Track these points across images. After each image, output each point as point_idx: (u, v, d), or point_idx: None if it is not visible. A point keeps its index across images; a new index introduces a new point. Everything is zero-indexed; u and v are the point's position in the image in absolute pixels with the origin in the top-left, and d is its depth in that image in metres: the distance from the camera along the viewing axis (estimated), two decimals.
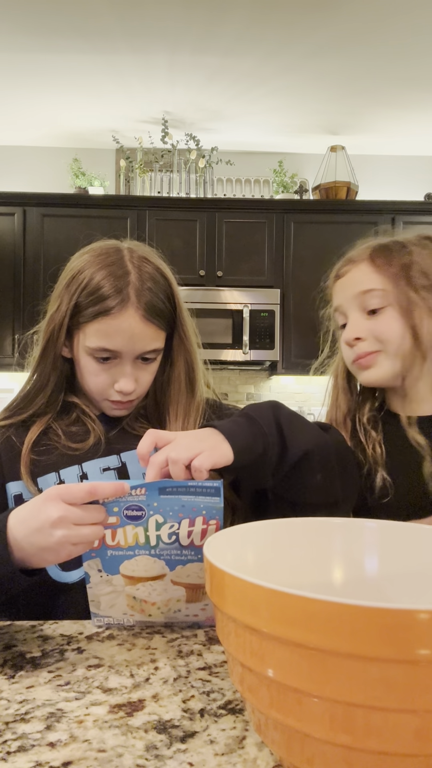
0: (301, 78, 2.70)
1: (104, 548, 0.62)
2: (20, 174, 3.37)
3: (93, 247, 0.86)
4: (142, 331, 0.81)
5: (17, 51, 2.51)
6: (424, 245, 0.88)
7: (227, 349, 2.95)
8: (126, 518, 0.60)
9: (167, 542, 0.61)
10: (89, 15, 2.26)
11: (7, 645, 0.64)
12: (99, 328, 0.80)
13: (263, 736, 0.40)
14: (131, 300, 0.80)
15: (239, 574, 0.36)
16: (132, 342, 0.81)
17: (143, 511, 0.60)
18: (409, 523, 0.52)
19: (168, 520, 0.60)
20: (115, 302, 0.79)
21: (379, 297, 0.85)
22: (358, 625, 0.31)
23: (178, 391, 0.89)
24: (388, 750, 0.32)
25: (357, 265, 0.88)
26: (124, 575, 0.63)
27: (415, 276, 0.84)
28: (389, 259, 0.86)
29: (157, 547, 0.61)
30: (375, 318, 0.86)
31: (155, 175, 3.24)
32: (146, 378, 0.86)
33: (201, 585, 0.65)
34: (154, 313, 0.82)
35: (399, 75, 2.67)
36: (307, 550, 0.54)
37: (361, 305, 0.87)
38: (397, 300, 0.84)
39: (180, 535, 0.61)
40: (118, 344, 0.81)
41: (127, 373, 0.83)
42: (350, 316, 0.88)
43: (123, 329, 0.80)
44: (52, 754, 0.43)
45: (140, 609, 0.66)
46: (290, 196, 3.23)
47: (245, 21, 2.29)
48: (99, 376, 0.83)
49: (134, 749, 0.44)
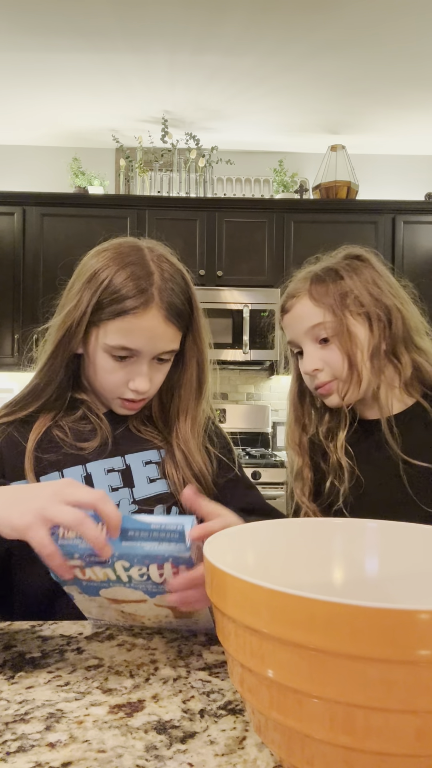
0: (301, 77, 2.70)
1: (78, 580, 0.58)
2: (20, 173, 3.37)
3: (113, 245, 0.85)
4: (163, 331, 0.81)
5: (17, 50, 2.50)
6: (353, 268, 0.94)
7: (227, 348, 2.95)
8: (90, 562, 0.56)
9: (140, 580, 0.57)
10: (89, 14, 2.25)
11: (7, 645, 0.64)
12: (121, 326, 0.80)
13: (263, 736, 0.40)
14: (155, 300, 0.80)
15: (239, 574, 0.36)
16: (153, 342, 0.81)
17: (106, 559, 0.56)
18: (409, 524, 0.52)
19: (134, 565, 0.56)
20: (139, 302, 0.79)
21: (326, 328, 0.91)
22: (359, 625, 0.31)
23: (188, 392, 0.89)
24: (388, 751, 0.32)
25: (299, 300, 0.94)
26: (106, 598, 0.61)
27: (350, 304, 0.91)
28: (326, 291, 0.92)
29: (130, 582, 0.58)
30: (326, 347, 0.92)
31: (155, 174, 3.24)
32: (159, 378, 0.86)
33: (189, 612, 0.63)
34: (175, 313, 0.82)
35: (399, 75, 2.67)
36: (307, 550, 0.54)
37: (313, 337, 0.93)
38: (335, 331, 0.90)
39: (151, 576, 0.57)
40: (139, 343, 0.80)
41: (143, 373, 0.82)
42: (305, 349, 0.94)
43: (145, 328, 0.80)
44: (52, 755, 0.43)
45: (132, 620, 0.65)
46: (290, 195, 3.23)
47: (245, 20, 2.29)
48: (115, 374, 0.83)
49: (134, 750, 0.44)
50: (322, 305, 0.91)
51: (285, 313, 0.97)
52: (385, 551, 0.53)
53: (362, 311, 0.91)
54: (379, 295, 0.92)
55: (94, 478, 0.83)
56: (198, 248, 3.04)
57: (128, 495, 0.83)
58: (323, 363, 0.92)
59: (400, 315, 0.92)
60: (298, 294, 0.94)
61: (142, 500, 0.83)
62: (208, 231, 3.05)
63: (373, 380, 0.92)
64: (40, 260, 2.99)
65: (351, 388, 0.91)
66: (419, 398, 0.95)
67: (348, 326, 0.90)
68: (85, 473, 0.83)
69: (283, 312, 0.97)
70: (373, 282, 0.93)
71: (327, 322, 0.90)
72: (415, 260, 3.04)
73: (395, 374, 0.95)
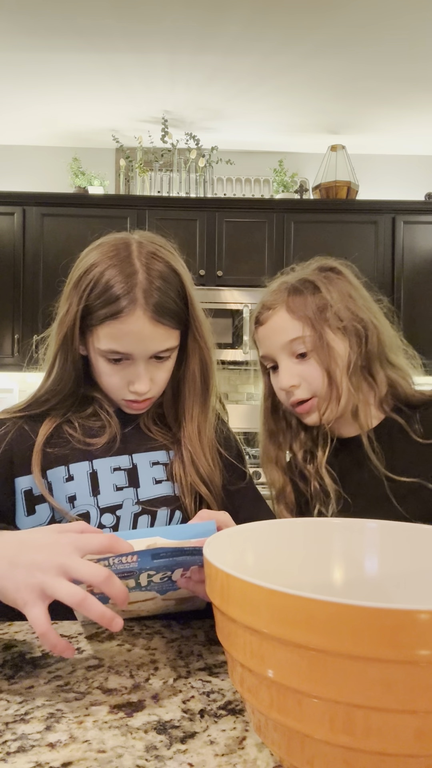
0: (301, 77, 2.70)
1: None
2: (20, 173, 3.37)
3: (102, 242, 0.84)
4: (152, 332, 0.79)
5: (17, 50, 2.50)
6: (329, 280, 0.91)
7: (227, 348, 2.95)
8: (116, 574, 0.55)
9: (159, 582, 0.58)
10: (89, 14, 2.25)
11: (7, 645, 0.64)
12: (108, 331, 0.78)
13: (263, 736, 0.40)
14: (139, 302, 0.77)
15: (239, 574, 0.36)
16: (143, 344, 0.79)
17: (133, 572, 0.55)
18: (408, 524, 0.52)
19: (160, 572, 0.56)
20: (122, 306, 0.77)
21: (304, 342, 0.88)
22: (358, 625, 0.31)
23: (193, 390, 0.88)
24: (388, 751, 0.32)
25: (276, 312, 0.90)
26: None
27: (330, 318, 0.88)
28: (304, 303, 0.88)
29: (148, 586, 0.58)
30: (304, 362, 0.89)
31: (155, 174, 3.24)
32: (162, 376, 0.84)
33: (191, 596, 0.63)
34: (164, 313, 0.79)
35: (399, 75, 2.67)
36: (307, 550, 0.54)
37: (290, 351, 0.89)
38: (314, 346, 0.87)
39: (173, 578, 0.58)
40: (129, 347, 0.79)
41: (141, 374, 0.81)
42: (281, 364, 0.90)
43: (132, 332, 0.78)
44: (52, 755, 0.43)
45: (129, 614, 0.65)
46: (290, 195, 3.23)
47: (245, 20, 2.29)
48: (113, 377, 0.82)
49: (134, 750, 0.44)
50: (301, 318, 0.88)
51: (260, 326, 0.93)
52: (384, 551, 0.53)
53: (341, 325, 0.88)
54: (355, 310, 0.89)
55: (99, 475, 0.83)
56: (198, 248, 3.04)
57: (133, 495, 0.83)
58: (300, 379, 0.88)
59: (375, 330, 0.90)
60: (275, 306, 0.90)
61: (146, 501, 0.83)
62: (208, 231, 3.05)
63: (352, 397, 0.89)
64: (40, 260, 2.99)
65: (330, 406, 0.88)
66: (390, 412, 0.92)
67: (327, 341, 0.87)
68: (91, 470, 0.83)
69: (257, 324, 0.93)
70: (349, 295, 0.90)
71: (306, 336, 0.87)
72: (415, 260, 3.04)
73: (370, 391, 0.92)
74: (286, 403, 0.92)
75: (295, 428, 0.98)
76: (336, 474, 0.91)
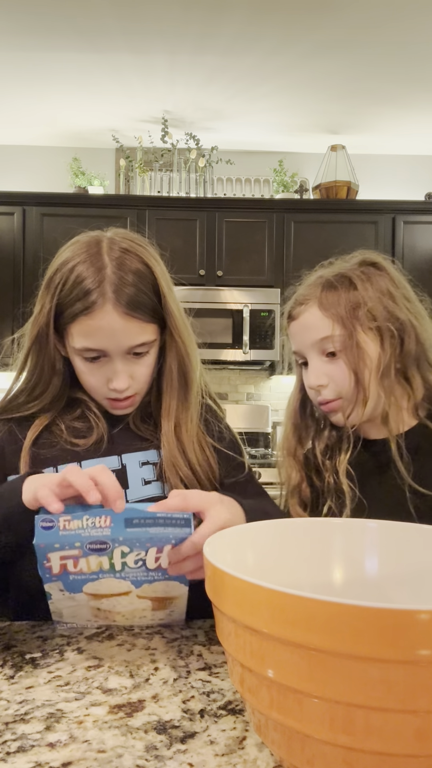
0: (301, 77, 2.70)
1: (66, 574, 0.60)
2: (19, 173, 3.37)
3: (75, 241, 0.84)
4: (124, 326, 0.78)
5: (17, 50, 2.50)
6: (368, 276, 0.87)
7: (227, 348, 2.95)
8: (89, 550, 0.58)
9: (133, 567, 0.60)
10: (89, 14, 2.25)
11: (7, 645, 0.64)
12: (80, 329, 0.78)
13: (263, 736, 0.40)
14: (108, 296, 0.77)
15: (239, 574, 0.36)
16: (115, 339, 0.78)
17: (107, 545, 0.58)
18: (409, 524, 0.52)
19: (134, 550, 0.59)
20: (90, 301, 0.77)
21: (334, 341, 0.84)
22: (358, 625, 0.31)
23: (170, 386, 0.86)
24: (388, 751, 0.32)
25: (308, 308, 0.87)
26: (87, 593, 0.62)
27: (362, 318, 0.84)
28: (337, 299, 0.84)
29: (122, 571, 0.60)
30: (333, 362, 0.86)
31: (155, 174, 3.24)
32: (142, 371, 0.83)
33: (168, 597, 0.64)
34: (135, 306, 0.78)
35: (399, 75, 2.67)
36: (307, 550, 0.54)
37: (320, 350, 0.86)
38: (343, 346, 0.84)
39: (147, 561, 0.59)
40: (102, 343, 0.78)
41: (117, 371, 0.80)
42: (310, 362, 0.88)
43: (103, 327, 0.77)
44: (52, 755, 0.43)
45: (104, 617, 0.65)
46: (290, 195, 3.23)
47: (245, 20, 2.29)
48: (92, 376, 0.82)
49: (134, 750, 0.44)
50: (332, 316, 0.84)
51: (292, 320, 0.90)
52: (384, 551, 0.53)
53: (374, 325, 0.84)
54: (393, 309, 0.85)
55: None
56: (198, 248, 3.04)
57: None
58: (328, 378, 0.85)
59: (414, 331, 0.85)
60: (307, 301, 0.87)
61: (135, 503, 0.83)
62: (208, 231, 3.05)
63: (381, 401, 0.85)
64: (40, 260, 2.98)
65: (356, 409, 0.84)
66: (424, 419, 0.87)
67: (358, 341, 0.83)
68: None
69: (289, 319, 0.91)
70: (388, 293, 0.86)
71: (336, 335, 0.83)
72: (415, 260, 3.04)
73: (404, 395, 0.87)
74: (314, 400, 0.90)
75: (322, 424, 0.95)
76: (355, 474, 0.87)
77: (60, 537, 0.57)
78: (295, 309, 0.89)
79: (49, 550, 0.58)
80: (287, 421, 0.97)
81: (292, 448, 0.95)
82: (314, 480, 0.92)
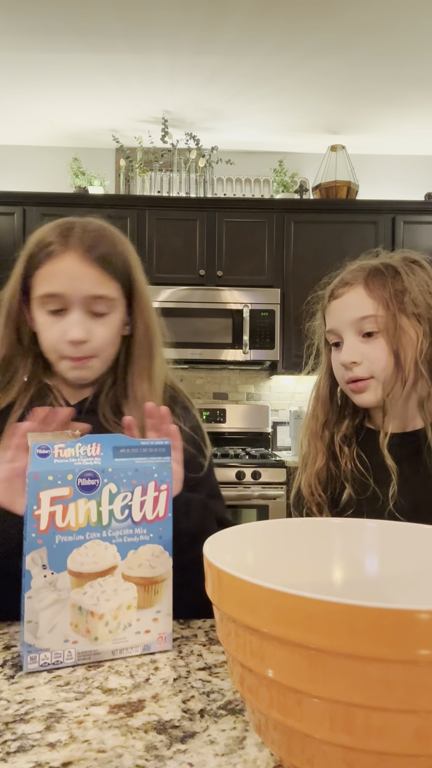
0: (301, 77, 2.70)
1: (52, 533, 0.59)
2: (19, 173, 3.37)
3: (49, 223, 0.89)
4: (84, 272, 0.81)
5: (17, 50, 2.50)
6: (411, 270, 0.90)
7: (227, 348, 2.95)
8: (80, 489, 0.60)
9: (120, 519, 0.62)
10: (89, 14, 2.25)
11: (7, 645, 0.64)
12: (44, 273, 0.82)
13: (263, 736, 0.40)
14: (71, 244, 0.81)
15: (239, 574, 0.36)
16: (75, 283, 0.81)
17: (97, 479, 0.61)
18: (409, 523, 0.52)
19: (121, 490, 0.62)
20: (57, 246, 0.81)
21: (374, 322, 0.87)
22: (358, 625, 0.31)
23: (142, 352, 0.89)
24: (388, 750, 0.32)
25: (353, 288, 0.90)
26: (71, 571, 0.59)
27: (406, 303, 0.87)
28: (383, 284, 0.88)
29: (108, 528, 0.61)
30: (369, 342, 0.88)
31: (155, 174, 3.24)
32: (100, 332, 0.84)
33: (153, 579, 0.63)
34: (97, 256, 0.82)
35: (399, 75, 2.67)
36: (307, 550, 0.54)
37: (357, 329, 0.89)
38: (385, 326, 0.86)
39: (132, 508, 0.62)
40: (61, 286, 0.81)
41: (74, 321, 0.82)
42: (346, 340, 0.90)
43: (63, 270, 0.81)
44: (52, 755, 0.43)
45: (86, 629, 0.60)
46: (290, 195, 3.23)
47: (245, 21, 2.29)
48: (51, 329, 0.83)
49: (134, 750, 0.44)
50: (377, 298, 0.87)
51: (333, 299, 0.92)
52: (384, 551, 0.53)
53: (416, 311, 0.87)
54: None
55: None
56: (198, 248, 3.04)
57: None
58: (362, 357, 0.88)
59: None
60: (353, 282, 0.90)
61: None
62: (208, 231, 3.05)
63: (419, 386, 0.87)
64: None
65: (395, 387, 0.86)
66: None
67: (400, 324, 0.86)
68: None
69: (331, 297, 0.93)
70: (428, 288, 0.89)
71: (378, 315, 0.86)
72: None
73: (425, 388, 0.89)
74: (341, 380, 0.92)
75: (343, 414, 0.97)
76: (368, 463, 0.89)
77: (54, 465, 0.60)
78: (339, 289, 0.92)
79: (42, 483, 0.59)
80: (315, 403, 0.99)
81: (316, 429, 0.97)
82: (330, 466, 0.95)
